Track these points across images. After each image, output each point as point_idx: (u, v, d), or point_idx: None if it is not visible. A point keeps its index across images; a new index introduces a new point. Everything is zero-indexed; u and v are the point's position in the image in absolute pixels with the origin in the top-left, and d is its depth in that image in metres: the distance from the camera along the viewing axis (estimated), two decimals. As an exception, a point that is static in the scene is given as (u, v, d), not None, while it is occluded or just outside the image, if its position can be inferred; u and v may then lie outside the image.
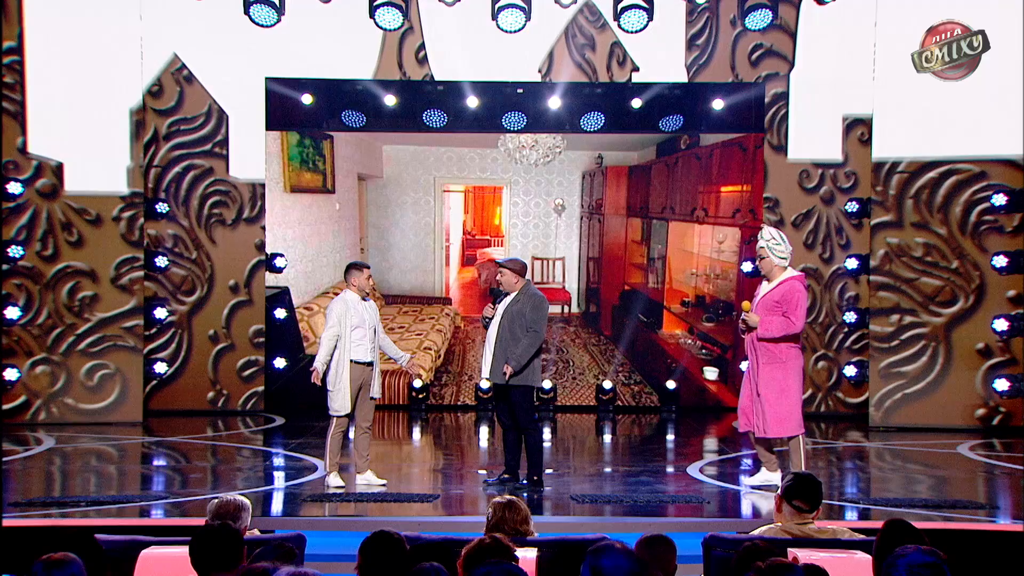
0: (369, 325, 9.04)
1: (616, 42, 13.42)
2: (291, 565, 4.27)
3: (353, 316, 8.95)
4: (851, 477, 10.43)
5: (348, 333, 8.92)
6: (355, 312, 8.98)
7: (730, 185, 14.63)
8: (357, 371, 8.97)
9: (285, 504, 8.77)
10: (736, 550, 4.79)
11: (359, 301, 9.07)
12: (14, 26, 12.50)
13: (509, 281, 8.94)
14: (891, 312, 13.02)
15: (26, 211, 12.71)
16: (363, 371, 9.01)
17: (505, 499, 5.38)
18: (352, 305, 9.01)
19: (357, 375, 8.98)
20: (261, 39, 12.75)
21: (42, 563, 4.16)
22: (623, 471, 9.85)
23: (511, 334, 8.84)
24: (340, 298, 9.10)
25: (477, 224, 15.45)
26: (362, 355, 9.00)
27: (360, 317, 8.99)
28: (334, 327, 8.91)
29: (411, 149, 14.85)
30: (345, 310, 8.96)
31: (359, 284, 9.07)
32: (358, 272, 9.11)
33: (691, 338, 14.71)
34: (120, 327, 12.86)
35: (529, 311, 8.86)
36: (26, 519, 7.72)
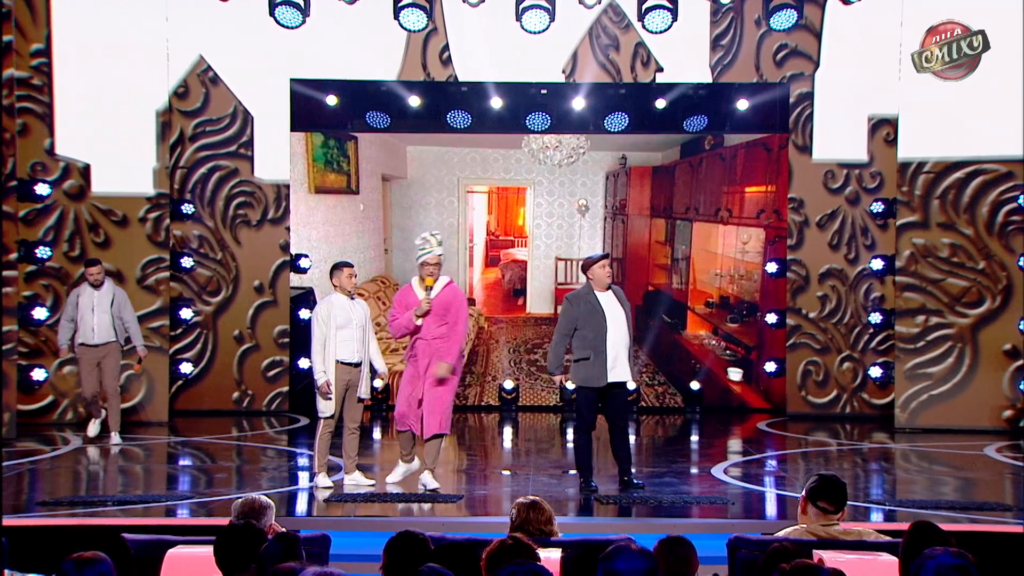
0: (357, 325, 9.00)
1: (640, 42, 13.40)
2: (316, 564, 4.30)
3: (338, 316, 8.92)
4: (876, 479, 10.39)
5: (334, 333, 8.90)
6: (340, 312, 8.95)
7: (754, 185, 14.59)
8: (343, 371, 8.96)
9: (309, 504, 8.80)
10: (761, 551, 4.78)
11: (346, 301, 9.03)
12: (42, 28, 12.58)
13: None
14: (917, 313, 12.95)
15: (53, 212, 12.80)
16: (349, 371, 8.99)
17: (529, 499, 5.39)
18: (337, 305, 8.98)
19: (343, 375, 8.96)
20: (286, 40, 12.80)
21: (72, 562, 4.20)
22: (647, 472, 9.83)
23: (629, 332, 8.88)
24: (325, 300, 9.12)
25: (501, 225, 15.46)
26: (348, 355, 8.97)
27: (346, 317, 8.96)
28: (319, 329, 8.92)
29: (435, 150, 14.87)
30: (328, 311, 8.94)
31: (342, 284, 9.05)
32: (339, 272, 9.08)
33: (715, 339, 14.68)
34: (146, 327, 12.91)
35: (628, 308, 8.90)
36: (54, 518, 7.78)
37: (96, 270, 11.31)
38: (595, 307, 8.79)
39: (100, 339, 11.22)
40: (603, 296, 8.84)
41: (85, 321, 11.19)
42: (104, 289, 11.28)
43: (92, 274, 11.28)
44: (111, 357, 11.27)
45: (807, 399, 13.81)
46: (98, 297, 11.23)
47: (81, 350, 11.29)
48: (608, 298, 8.84)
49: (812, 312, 13.77)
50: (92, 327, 11.19)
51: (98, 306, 11.21)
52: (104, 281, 11.32)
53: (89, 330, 11.20)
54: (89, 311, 11.20)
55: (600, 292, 8.85)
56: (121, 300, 11.37)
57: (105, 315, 11.22)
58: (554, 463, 10.17)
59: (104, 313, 11.22)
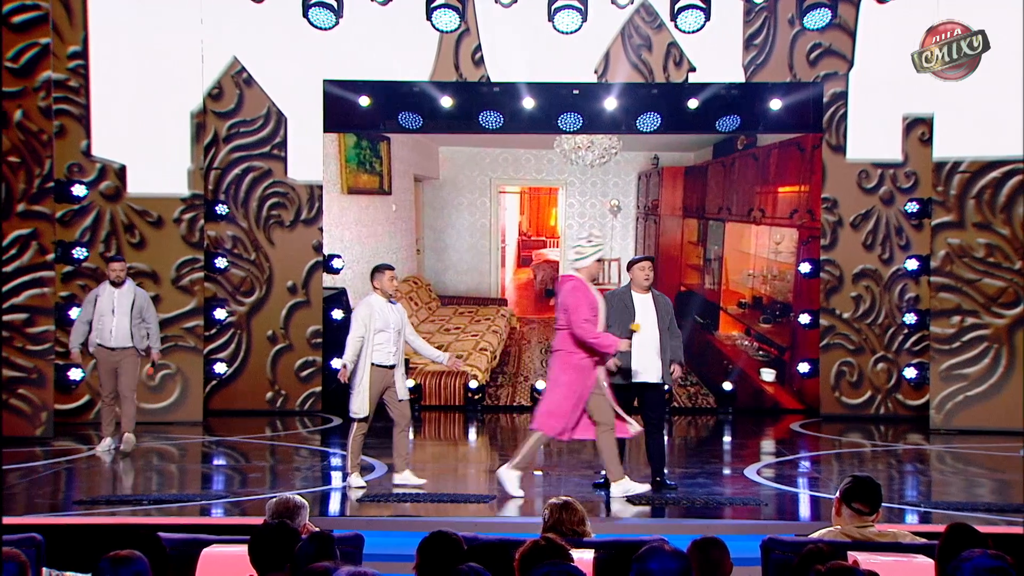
0: (394, 328, 9.01)
1: (673, 42, 13.37)
2: (349, 564, 4.32)
3: (377, 319, 8.93)
4: (911, 480, 10.31)
5: (371, 336, 8.90)
6: (379, 315, 8.95)
7: (787, 185, 14.52)
8: (378, 374, 8.97)
9: (342, 504, 8.84)
10: (795, 553, 4.76)
11: (384, 304, 9.04)
12: (79, 31, 12.70)
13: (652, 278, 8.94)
14: (952, 313, 12.85)
15: (90, 213, 12.92)
16: (385, 374, 9.00)
17: (561, 500, 5.39)
18: (377, 308, 8.98)
19: (378, 378, 8.97)
20: (319, 42, 12.86)
21: (109, 560, 4.24)
22: (680, 473, 9.80)
23: (671, 332, 8.84)
24: (365, 301, 9.12)
25: (533, 225, 15.46)
26: (383, 359, 8.98)
27: (384, 320, 8.96)
28: (359, 329, 8.91)
29: (467, 150, 14.89)
30: (369, 313, 8.94)
31: (383, 286, 9.05)
32: (380, 275, 9.08)
33: (748, 339, 14.62)
34: (181, 327, 13.03)
35: (671, 308, 8.88)
36: (90, 517, 7.85)
37: (119, 266, 11.01)
38: (627, 306, 8.81)
39: (118, 343, 10.83)
40: (639, 297, 8.85)
41: (104, 322, 10.82)
42: (124, 289, 10.91)
43: (115, 270, 10.96)
44: (128, 361, 10.87)
45: (841, 400, 13.72)
46: (118, 297, 10.87)
47: (98, 351, 10.91)
48: (644, 300, 8.84)
49: (846, 312, 13.69)
50: (110, 329, 10.82)
51: (118, 308, 10.85)
52: (125, 280, 10.99)
53: (107, 332, 10.82)
54: (109, 312, 10.84)
55: (638, 293, 8.86)
56: (143, 302, 11.01)
57: (125, 318, 10.84)
58: (586, 464, 10.14)
59: (124, 315, 10.85)
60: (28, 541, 5.02)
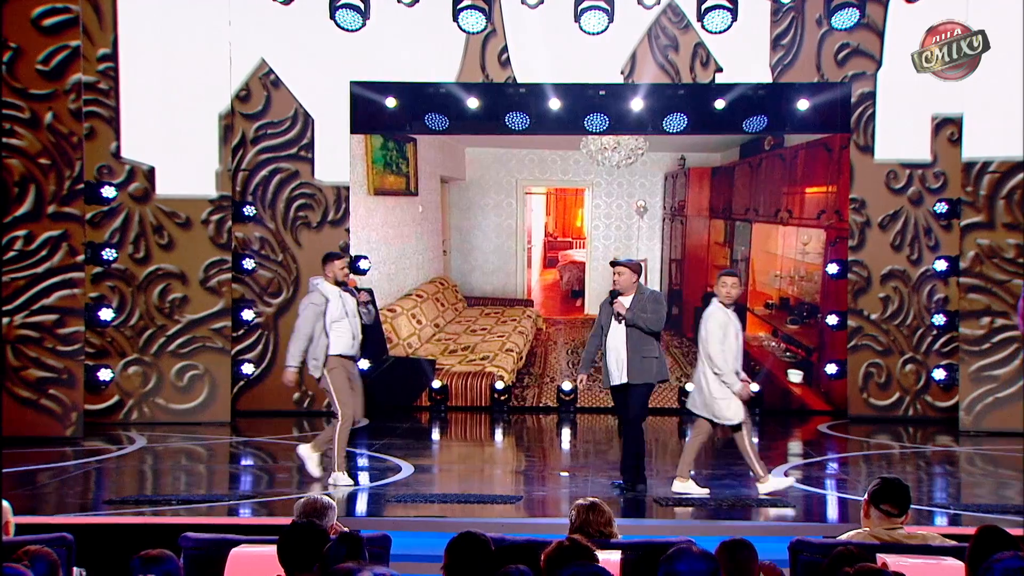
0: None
1: (699, 43, 13.33)
2: (377, 564, 4.34)
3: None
4: (940, 482, 10.25)
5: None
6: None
7: (815, 186, 14.45)
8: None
9: (370, 504, 8.86)
10: (823, 555, 4.75)
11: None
12: (108, 33, 12.78)
13: (627, 281, 8.93)
14: (982, 315, 12.76)
15: (119, 214, 13.00)
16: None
17: (588, 501, 5.38)
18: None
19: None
20: (346, 43, 12.88)
21: (140, 559, 4.28)
22: (707, 474, 9.78)
23: (639, 335, 8.87)
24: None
25: (559, 226, 15.46)
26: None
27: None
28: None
29: (493, 151, 14.90)
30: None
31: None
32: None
33: (775, 340, 14.56)
34: (209, 328, 13.09)
35: (651, 306, 8.90)
36: (120, 516, 7.90)
37: (341, 263, 9.21)
38: (608, 310, 8.97)
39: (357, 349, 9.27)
40: (623, 300, 8.93)
41: (342, 327, 9.02)
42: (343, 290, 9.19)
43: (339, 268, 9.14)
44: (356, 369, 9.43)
45: (869, 401, 13.65)
46: (346, 298, 9.13)
47: (336, 362, 9.03)
48: (624, 302, 8.91)
49: (874, 314, 13.62)
50: (353, 333, 9.10)
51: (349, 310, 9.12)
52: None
53: (349, 338, 9.08)
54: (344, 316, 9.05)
55: (624, 296, 8.90)
56: None
57: (356, 319, 9.18)
58: (613, 465, 10.13)
59: (356, 317, 9.17)
60: (59, 540, 5.07)
